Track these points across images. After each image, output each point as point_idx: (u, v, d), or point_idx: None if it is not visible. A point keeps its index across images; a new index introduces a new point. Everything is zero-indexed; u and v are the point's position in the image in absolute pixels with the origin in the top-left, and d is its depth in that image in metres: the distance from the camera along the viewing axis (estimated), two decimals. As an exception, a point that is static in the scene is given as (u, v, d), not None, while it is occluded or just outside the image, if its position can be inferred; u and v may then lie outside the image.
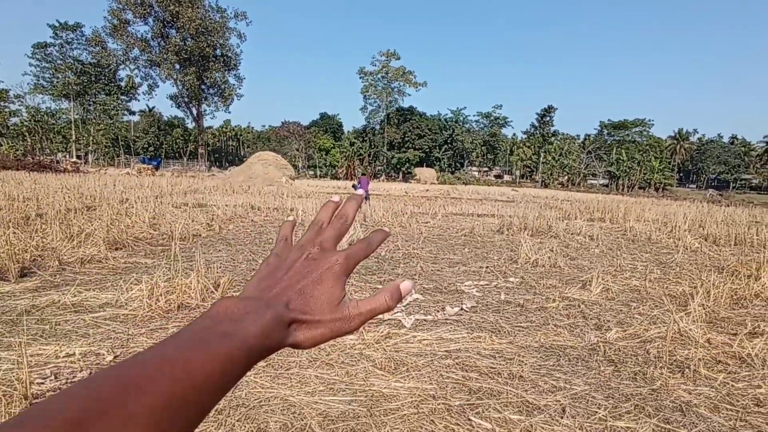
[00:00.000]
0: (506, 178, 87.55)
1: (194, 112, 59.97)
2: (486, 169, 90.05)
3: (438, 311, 4.31)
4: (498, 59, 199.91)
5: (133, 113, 70.70)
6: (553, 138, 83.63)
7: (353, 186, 17.00)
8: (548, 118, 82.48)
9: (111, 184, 19.33)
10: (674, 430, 2.46)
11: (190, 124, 72.38)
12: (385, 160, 77.90)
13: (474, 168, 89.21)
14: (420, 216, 13.26)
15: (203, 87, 57.81)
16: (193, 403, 0.30)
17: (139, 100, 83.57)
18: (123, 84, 64.06)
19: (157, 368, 0.30)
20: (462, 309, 4.41)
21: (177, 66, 54.44)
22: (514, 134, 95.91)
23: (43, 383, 2.65)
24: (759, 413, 2.67)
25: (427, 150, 76.44)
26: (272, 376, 2.85)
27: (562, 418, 2.53)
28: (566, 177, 78.53)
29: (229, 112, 64.89)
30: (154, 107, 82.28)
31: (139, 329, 3.57)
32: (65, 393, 0.27)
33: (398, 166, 76.32)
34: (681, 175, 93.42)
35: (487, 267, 6.49)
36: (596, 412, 2.61)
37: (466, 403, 2.63)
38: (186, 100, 58.05)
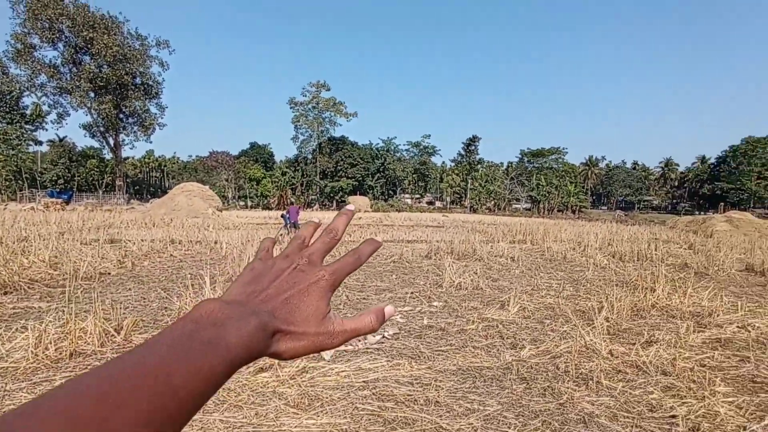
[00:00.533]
0: (437, 204, 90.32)
1: (111, 142, 56.34)
2: (418, 196, 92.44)
3: (359, 340, 4.24)
4: (426, 90, 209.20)
5: (40, 143, 64.99)
6: (479, 165, 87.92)
7: (282, 216, 16.64)
8: (473, 147, 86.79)
9: (10, 220, 17.44)
10: (577, 443, 2.55)
11: (108, 155, 67.80)
12: (318, 189, 77.60)
13: (406, 195, 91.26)
14: (351, 244, 13.21)
15: (121, 116, 54.67)
16: (174, 417, 0.29)
17: (47, 130, 77.21)
18: (28, 112, 58.99)
19: (138, 381, 0.28)
20: (384, 336, 4.38)
21: (91, 94, 51.15)
22: (444, 162, 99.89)
23: None
24: (652, 418, 2.85)
25: (360, 178, 77.28)
26: (172, 424, 2.62)
27: (473, 441, 2.54)
28: (492, 202, 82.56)
29: (151, 142, 61.53)
30: (65, 137, 76.49)
31: (20, 383, 3.15)
32: (40, 406, 0.25)
33: (332, 195, 76.27)
34: (594, 197, 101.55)
35: (412, 292, 6.54)
36: (507, 431, 2.65)
37: (379, 435, 2.56)
38: (102, 129, 54.48)
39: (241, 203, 76.61)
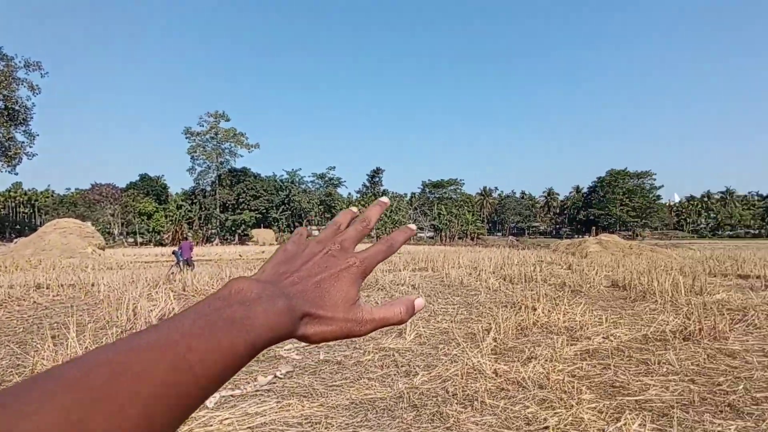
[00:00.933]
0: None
1: (-35, 174, 48.58)
2: (325, 227, 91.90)
3: (249, 383, 4.01)
4: (331, 122, 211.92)
5: None
6: (384, 197, 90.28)
7: (173, 252, 15.46)
8: (378, 179, 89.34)
9: None
10: (460, 465, 2.62)
11: (-40, 189, 58.19)
12: (218, 223, 73.74)
13: (314, 227, 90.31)
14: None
15: (-21, 144, 47.67)
16: (188, 395, 0.28)
17: None
18: None
19: (157, 353, 0.28)
20: (275, 376, 4.18)
21: (-61, 118, 44.07)
22: (350, 193, 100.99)
23: None
24: (528, 431, 3.04)
25: (264, 211, 75.07)
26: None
27: (360, 477, 2.49)
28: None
29: (17, 174, 54.23)
30: None
31: None
32: (57, 375, 0.25)
33: (233, 229, 72.89)
34: (490, 225, 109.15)
35: (311, 327, 6.38)
36: (394, 462, 2.64)
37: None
38: (-47, 159, 46.92)
39: (130, 240, 70.09)
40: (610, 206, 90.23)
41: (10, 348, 5.30)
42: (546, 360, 4.51)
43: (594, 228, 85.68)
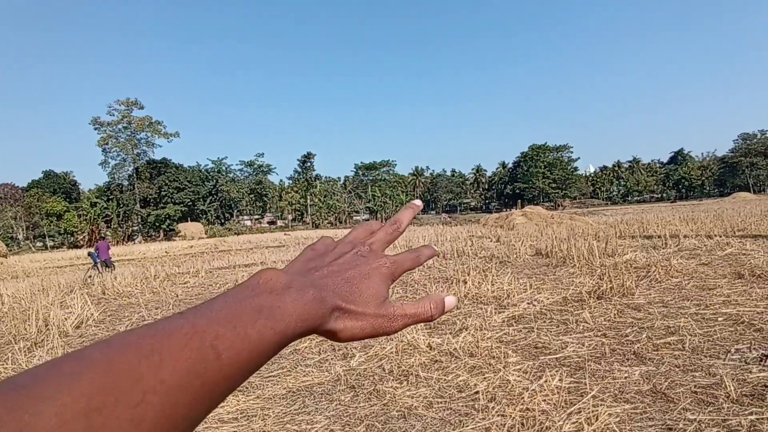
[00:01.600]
0: (279, 223, 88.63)
1: None
2: (258, 216, 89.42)
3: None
4: (255, 107, 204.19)
5: None
6: (316, 181, 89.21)
7: (89, 254, 14.31)
8: (309, 164, 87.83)
9: None
10: (396, 439, 2.70)
11: None
12: (139, 219, 69.09)
13: (245, 217, 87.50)
14: (178, 276, 12.02)
15: None
16: (214, 385, 0.27)
17: None
18: None
19: (184, 339, 0.27)
20: (208, 373, 4.04)
21: None
22: (281, 180, 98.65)
23: None
24: (460, 398, 3.19)
25: (190, 203, 71.28)
26: None
27: (298, 464, 2.48)
28: (334, 216, 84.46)
29: None
30: None
31: None
32: (80, 357, 0.24)
33: (157, 224, 68.66)
34: (424, 204, 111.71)
35: (245, 319, 6.22)
36: (332, 445, 2.66)
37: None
38: None
39: (39, 244, 63.87)
40: (533, 179, 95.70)
41: None
42: (476, 329, 4.73)
43: (519, 201, 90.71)
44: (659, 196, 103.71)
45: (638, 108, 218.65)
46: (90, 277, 12.48)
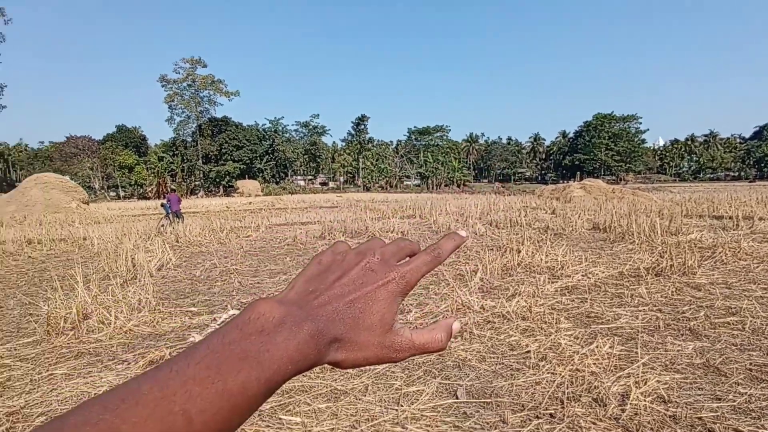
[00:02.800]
0: (331, 184, 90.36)
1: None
2: (311, 177, 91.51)
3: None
4: (312, 68, 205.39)
5: None
6: (369, 144, 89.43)
7: (162, 205, 15.48)
8: (363, 126, 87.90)
9: None
10: (452, 383, 2.97)
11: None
12: (201, 175, 72.79)
13: (299, 177, 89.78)
14: (241, 230, 12.83)
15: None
16: None
17: None
18: None
19: (149, 409, 0.25)
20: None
21: None
22: (334, 142, 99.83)
23: None
24: (512, 355, 3.40)
25: (248, 161, 74.05)
26: None
27: (365, 395, 2.82)
28: (385, 180, 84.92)
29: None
30: None
31: None
32: None
33: (217, 180, 72.12)
34: (476, 171, 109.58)
35: (307, 272, 6.67)
36: (393, 383, 2.98)
37: (276, 405, 2.72)
38: None
39: (113, 194, 69.02)
40: (595, 151, 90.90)
41: (19, 298, 5.51)
42: (528, 296, 4.88)
43: (579, 173, 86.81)
44: (736, 174, 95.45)
45: (720, 76, 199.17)
46: (163, 226, 13.57)
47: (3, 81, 52.71)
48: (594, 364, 3.13)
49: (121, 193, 69.72)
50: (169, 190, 26.09)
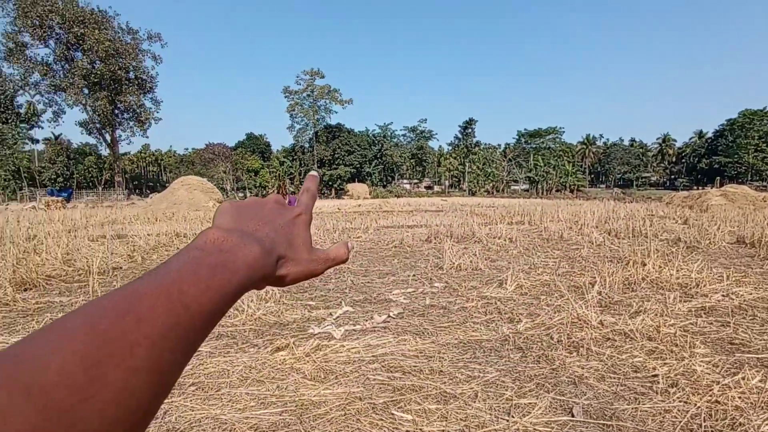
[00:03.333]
0: (436, 188, 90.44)
1: (108, 138, 56.35)
2: (416, 181, 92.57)
3: (366, 321, 4.53)
4: (421, 75, 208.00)
5: (36, 141, 65.08)
6: (476, 148, 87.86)
7: (283, 206, 16.89)
8: (470, 130, 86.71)
9: (14, 220, 17.66)
10: (567, 400, 2.84)
11: (104, 151, 67.87)
12: (316, 178, 77.65)
13: (405, 181, 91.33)
14: (352, 231, 13.48)
15: (117, 112, 54.60)
16: (189, 335, 0.31)
17: (42, 128, 76.95)
18: (23, 111, 58.82)
19: (153, 298, 0.30)
20: (389, 316, 4.66)
21: (86, 90, 51.01)
22: (440, 146, 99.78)
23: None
24: (636, 378, 3.14)
25: (358, 165, 77.36)
26: (202, 398, 2.91)
27: (474, 402, 2.83)
28: (491, 184, 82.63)
29: (147, 137, 61.29)
30: (60, 134, 76.22)
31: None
32: (65, 325, 0.26)
33: (330, 183, 76.39)
34: (592, 176, 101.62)
35: (414, 275, 6.82)
36: (504, 393, 2.94)
37: (389, 400, 2.85)
38: (98, 126, 54.45)
39: (240, 195, 76.72)
40: (741, 153, 78.77)
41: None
42: (656, 314, 4.45)
43: (718, 178, 75.85)
44: None
45: None
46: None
47: (159, 97, 61.88)
48: (739, 397, 2.76)
49: (248, 194, 77.30)
50: (288, 192, 28.34)
